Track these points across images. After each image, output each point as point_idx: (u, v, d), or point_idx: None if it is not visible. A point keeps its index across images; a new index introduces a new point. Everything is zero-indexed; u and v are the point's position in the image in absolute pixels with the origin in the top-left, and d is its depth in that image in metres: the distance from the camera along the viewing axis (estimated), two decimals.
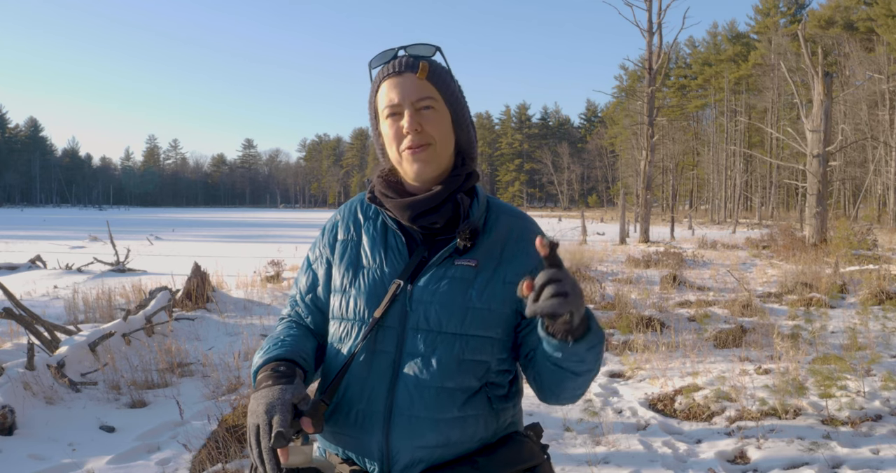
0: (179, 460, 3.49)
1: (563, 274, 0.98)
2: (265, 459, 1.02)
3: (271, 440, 1.01)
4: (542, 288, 0.97)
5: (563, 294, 0.96)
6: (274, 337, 1.26)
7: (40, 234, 26.73)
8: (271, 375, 1.13)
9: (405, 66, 1.23)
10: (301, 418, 1.07)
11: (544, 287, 0.97)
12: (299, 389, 1.11)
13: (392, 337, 1.19)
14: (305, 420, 1.06)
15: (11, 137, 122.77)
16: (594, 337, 1.09)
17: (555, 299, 0.96)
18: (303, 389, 1.12)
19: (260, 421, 1.04)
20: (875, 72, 36.87)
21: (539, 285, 0.97)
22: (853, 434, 3.71)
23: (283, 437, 1.01)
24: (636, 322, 6.60)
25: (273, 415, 1.04)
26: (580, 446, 3.65)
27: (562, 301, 0.96)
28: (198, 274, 7.88)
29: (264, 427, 1.03)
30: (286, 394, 1.07)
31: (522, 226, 1.30)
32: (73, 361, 4.78)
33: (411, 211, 1.23)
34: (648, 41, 22.51)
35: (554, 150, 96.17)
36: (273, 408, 1.05)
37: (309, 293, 1.34)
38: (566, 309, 0.97)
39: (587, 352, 1.09)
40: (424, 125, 1.22)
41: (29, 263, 12.65)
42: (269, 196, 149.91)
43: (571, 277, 0.99)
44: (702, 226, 39.04)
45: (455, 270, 1.22)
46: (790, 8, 57.03)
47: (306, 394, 1.10)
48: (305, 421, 1.06)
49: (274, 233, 30.97)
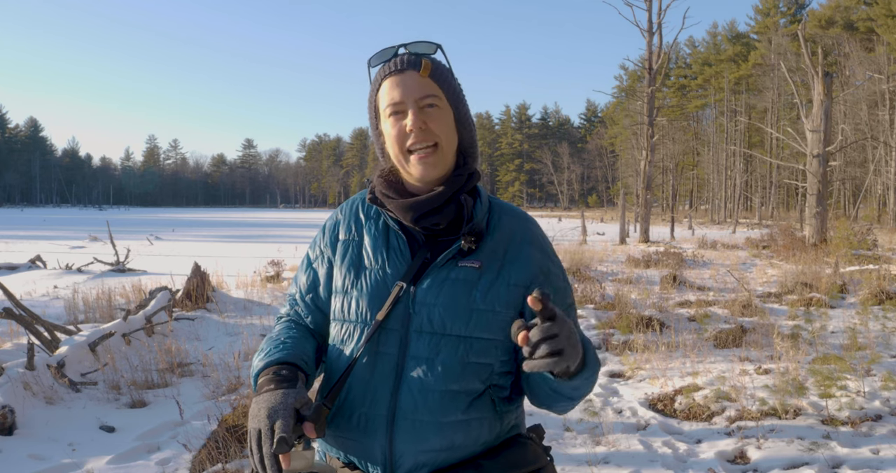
0: (179, 460, 3.49)
1: (557, 327, 0.96)
2: (266, 465, 1.01)
3: (273, 445, 1.00)
4: (536, 345, 0.95)
5: (557, 352, 0.95)
6: (274, 339, 1.24)
7: (40, 234, 26.72)
8: (273, 379, 1.11)
9: (407, 63, 1.21)
10: (303, 423, 1.05)
11: (539, 345, 0.95)
12: (301, 393, 1.09)
13: (395, 340, 1.18)
14: (308, 425, 1.05)
15: (11, 137, 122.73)
16: (590, 370, 1.10)
17: (549, 358, 0.95)
18: (305, 393, 1.11)
19: (262, 426, 1.03)
20: (875, 72, 36.86)
21: (534, 342, 0.95)
22: (853, 434, 3.70)
23: (285, 443, 1.00)
24: (636, 322, 6.60)
25: (275, 420, 1.02)
26: (580, 446, 3.65)
27: (556, 360, 0.95)
28: (198, 274, 7.88)
29: (266, 433, 1.02)
30: (289, 399, 1.06)
31: (525, 227, 1.29)
32: (73, 361, 4.78)
33: (414, 212, 1.21)
34: (648, 41, 22.51)
35: (554, 150, 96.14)
36: (275, 413, 1.03)
37: (309, 292, 1.32)
38: (561, 367, 0.97)
39: (584, 382, 1.11)
40: (429, 123, 1.20)
41: (29, 263, 12.65)
42: (269, 196, 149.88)
43: (567, 326, 0.98)
44: (702, 225, 39.03)
45: (458, 272, 1.20)
46: (790, 8, 57.01)
47: (309, 399, 1.09)
48: (308, 427, 1.05)
49: (274, 232, 30.96)
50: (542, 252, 1.27)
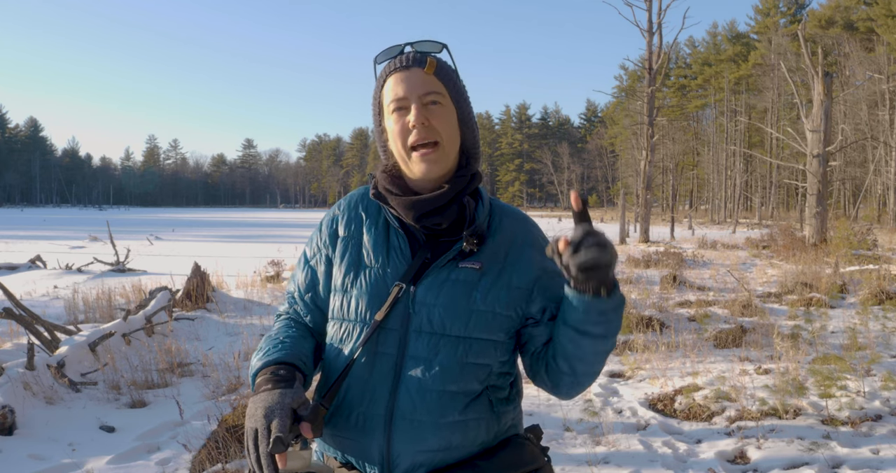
0: (179, 460, 3.49)
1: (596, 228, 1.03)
2: (263, 464, 1.01)
3: (269, 445, 1.00)
4: (581, 239, 1.01)
5: (603, 244, 1.01)
6: (272, 338, 1.23)
7: (40, 234, 26.73)
8: (271, 379, 1.11)
9: (412, 60, 1.22)
10: (300, 423, 1.05)
11: (584, 238, 1.01)
12: (299, 393, 1.09)
13: (394, 340, 1.18)
14: (305, 425, 1.05)
15: (11, 137, 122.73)
16: (619, 295, 1.11)
17: (596, 249, 1.00)
18: (302, 393, 1.11)
19: (258, 426, 1.03)
20: (875, 72, 36.87)
21: (579, 237, 1.01)
22: (853, 434, 3.70)
23: (281, 443, 1.00)
24: (636, 322, 6.60)
25: (272, 420, 1.02)
26: (580, 446, 3.65)
27: (603, 250, 1.01)
28: (198, 274, 7.88)
29: (263, 432, 1.02)
30: (286, 399, 1.06)
31: (526, 230, 1.29)
32: (73, 361, 4.78)
33: (416, 210, 1.21)
34: (648, 41, 22.51)
35: (554, 150, 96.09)
36: (272, 413, 1.03)
37: (308, 291, 1.31)
38: (608, 258, 1.01)
39: (613, 313, 1.11)
40: (431, 120, 1.20)
41: (29, 263, 12.65)
42: (269, 196, 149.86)
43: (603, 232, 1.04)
44: (702, 225, 39.03)
45: (459, 273, 1.20)
46: (790, 8, 57.03)
47: (306, 399, 1.09)
48: (305, 427, 1.05)
49: (274, 233, 30.95)
50: (542, 253, 1.28)
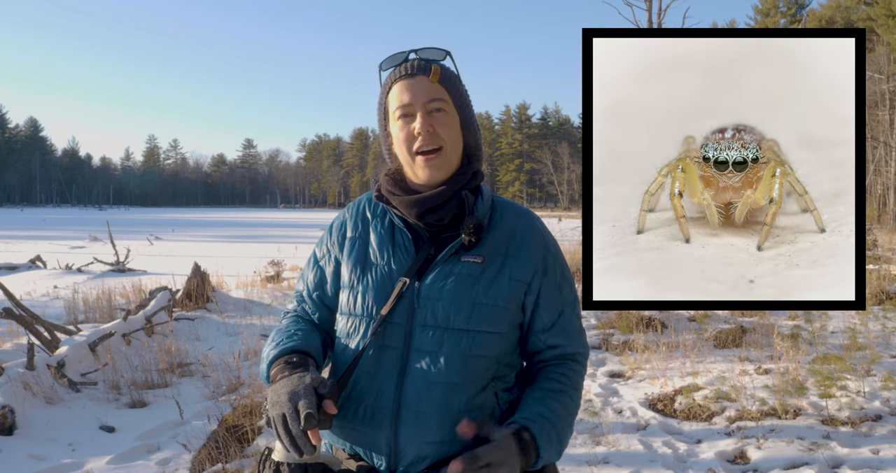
0: (179, 460, 3.50)
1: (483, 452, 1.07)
2: (300, 443, 1.05)
3: (301, 423, 1.04)
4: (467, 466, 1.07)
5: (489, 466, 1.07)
6: (284, 330, 1.28)
7: (40, 234, 26.74)
8: (285, 367, 1.16)
9: (417, 68, 1.26)
10: (323, 401, 1.09)
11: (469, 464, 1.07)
12: (315, 373, 1.14)
13: (400, 334, 1.21)
14: (327, 402, 1.09)
15: (11, 137, 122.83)
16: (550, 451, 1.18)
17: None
18: (318, 374, 1.15)
19: (286, 410, 1.06)
20: (875, 72, 36.90)
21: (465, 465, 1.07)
22: (853, 434, 3.71)
23: (313, 418, 1.04)
24: (636, 322, 6.61)
25: (298, 400, 1.06)
26: (580, 446, 3.65)
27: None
28: (198, 274, 7.88)
29: (291, 414, 1.05)
30: (306, 379, 1.10)
31: (528, 223, 1.33)
32: (73, 361, 4.79)
33: (418, 208, 1.25)
34: None
35: (554, 150, 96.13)
36: (297, 394, 1.07)
37: (317, 290, 1.36)
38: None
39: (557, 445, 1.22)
40: (436, 127, 1.24)
41: (29, 263, 12.66)
42: (269, 196, 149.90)
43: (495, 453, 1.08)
44: None
45: (461, 266, 1.24)
46: (790, 8, 57.06)
47: (323, 378, 1.13)
48: (327, 403, 1.09)
49: (274, 233, 30.97)
50: (544, 248, 1.31)
